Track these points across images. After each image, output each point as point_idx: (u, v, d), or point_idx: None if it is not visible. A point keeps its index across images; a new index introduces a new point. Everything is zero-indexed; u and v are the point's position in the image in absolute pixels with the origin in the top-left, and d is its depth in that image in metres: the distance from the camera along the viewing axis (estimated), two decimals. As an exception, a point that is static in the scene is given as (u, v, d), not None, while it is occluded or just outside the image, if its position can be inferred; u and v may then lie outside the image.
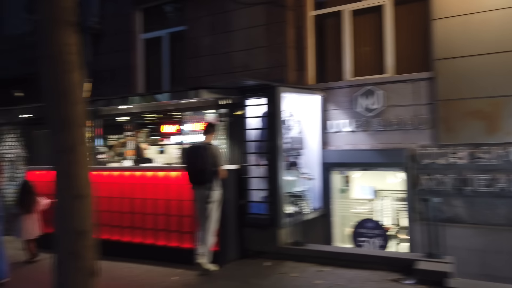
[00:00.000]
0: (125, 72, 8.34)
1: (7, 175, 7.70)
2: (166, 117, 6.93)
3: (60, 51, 2.50)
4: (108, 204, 5.86)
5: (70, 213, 2.30)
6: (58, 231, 2.33)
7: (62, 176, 2.36)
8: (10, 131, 7.80)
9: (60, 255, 2.32)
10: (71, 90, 2.55)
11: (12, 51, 9.74)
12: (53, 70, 2.52)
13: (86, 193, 2.41)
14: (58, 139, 2.40)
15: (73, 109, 2.52)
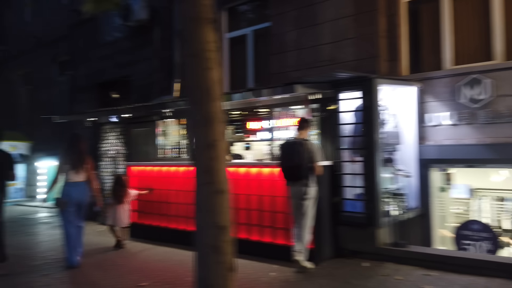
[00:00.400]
0: (211, 71, 8.57)
1: (109, 170, 8.37)
2: (251, 113, 6.98)
3: (202, 49, 2.58)
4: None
5: (211, 208, 2.35)
6: (199, 226, 2.39)
7: (203, 172, 2.42)
8: (111, 129, 8.45)
9: (201, 249, 2.38)
10: (212, 87, 2.61)
11: (109, 56, 10.57)
12: (196, 68, 2.60)
13: (226, 189, 2.46)
14: (200, 134, 2.46)
15: (213, 105, 2.57)
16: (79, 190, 5.16)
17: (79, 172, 5.17)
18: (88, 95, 11.25)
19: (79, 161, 5.20)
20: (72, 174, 5.15)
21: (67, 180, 5.16)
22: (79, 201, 5.16)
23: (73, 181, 5.14)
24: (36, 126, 13.27)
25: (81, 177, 5.20)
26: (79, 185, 5.17)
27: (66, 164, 5.17)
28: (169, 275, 4.70)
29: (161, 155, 7.41)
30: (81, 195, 5.16)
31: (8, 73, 14.77)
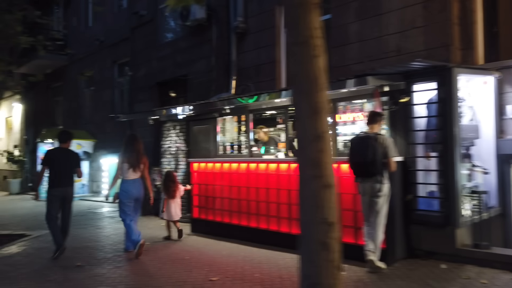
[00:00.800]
0: (269, 68, 8.49)
1: (171, 166, 8.57)
2: None
3: (310, 36, 2.47)
4: (265, 195, 6.02)
5: (320, 204, 2.25)
6: (306, 222, 2.31)
7: (311, 165, 2.32)
8: (172, 127, 8.64)
9: (309, 246, 2.30)
10: (319, 76, 2.51)
11: (168, 56, 10.84)
12: (303, 56, 2.50)
13: (333, 183, 2.35)
14: (307, 126, 2.37)
15: (321, 95, 2.47)
16: (136, 186, 5.61)
17: (135, 170, 5.60)
18: (147, 95, 11.63)
19: (136, 160, 5.61)
20: (129, 172, 5.56)
21: (125, 177, 5.58)
22: (135, 196, 5.62)
23: (131, 179, 5.56)
24: (99, 125, 13.96)
25: (137, 174, 5.63)
26: (135, 182, 5.60)
27: (124, 163, 5.57)
28: (237, 271, 4.67)
29: (222, 152, 7.45)
30: (137, 191, 5.63)
31: (73, 75, 15.67)
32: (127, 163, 5.55)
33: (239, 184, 6.40)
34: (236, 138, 7.26)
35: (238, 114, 7.10)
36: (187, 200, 8.12)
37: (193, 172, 7.20)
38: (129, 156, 5.58)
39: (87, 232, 7.47)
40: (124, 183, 5.57)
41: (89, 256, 5.62)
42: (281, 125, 6.56)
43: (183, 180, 8.29)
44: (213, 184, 6.83)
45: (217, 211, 6.77)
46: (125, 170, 5.56)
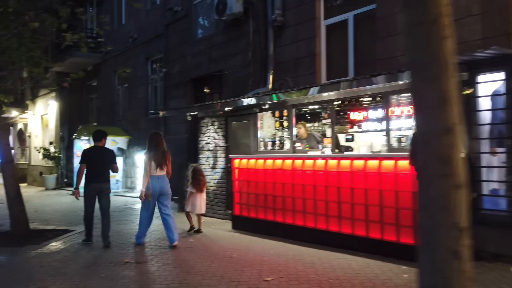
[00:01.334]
0: (308, 61, 8.25)
1: (209, 163, 8.47)
2: (354, 103, 6.54)
3: (439, 14, 2.12)
4: (312, 192, 5.81)
5: (450, 206, 2.02)
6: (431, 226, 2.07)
7: (439, 162, 2.08)
8: (210, 123, 8.53)
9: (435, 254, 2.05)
10: (449, 60, 2.18)
11: (202, 52, 10.75)
12: (432, 37, 2.15)
13: (465, 182, 2.11)
14: (435, 117, 2.13)
15: (451, 81, 2.21)
16: (162, 182, 5.86)
17: (162, 168, 5.86)
18: (181, 91, 11.60)
19: (162, 158, 5.88)
20: (156, 169, 5.80)
21: (152, 174, 5.80)
22: (162, 192, 5.86)
23: (157, 175, 5.81)
24: (133, 121, 14.07)
25: (163, 171, 5.88)
26: (160, 178, 5.85)
27: (151, 161, 5.80)
28: (290, 271, 4.50)
29: (262, 148, 7.29)
30: (163, 187, 5.87)
31: (107, 72, 15.86)
32: (154, 161, 5.78)
33: (283, 181, 6.22)
34: (277, 134, 7.07)
35: (281, 109, 6.91)
36: (226, 197, 8.02)
37: (234, 169, 7.07)
38: (155, 155, 5.82)
39: (129, 228, 7.47)
40: (151, 179, 5.80)
41: (136, 252, 5.57)
42: (327, 120, 6.31)
43: (221, 177, 8.18)
44: (256, 181, 6.67)
45: (259, 209, 6.62)
46: (152, 168, 5.79)
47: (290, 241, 5.90)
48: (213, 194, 8.29)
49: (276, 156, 6.44)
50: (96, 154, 6.17)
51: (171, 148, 11.83)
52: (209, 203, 8.34)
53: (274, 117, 7.16)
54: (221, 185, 8.11)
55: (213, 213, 8.25)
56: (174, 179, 11.00)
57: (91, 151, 6.31)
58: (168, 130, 12.08)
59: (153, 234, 6.91)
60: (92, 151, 6.31)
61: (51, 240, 6.59)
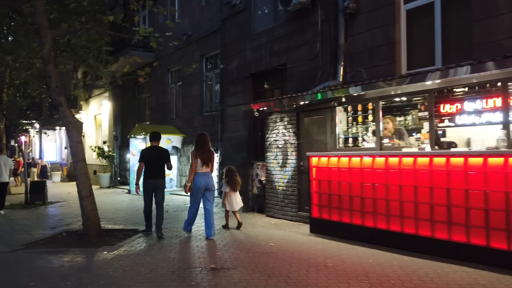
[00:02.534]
0: (385, 50, 7.55)
1: (277, 161, 7.98)
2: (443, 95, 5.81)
3: None
4: (411, 194, 5.16)
5: None
6: None
7: None
8: (279, 119, 8.04)
9: None
10: None
11: (263, 46, 10.30)
12: None
13: None
14: None
15: None
16: (207, 179, 6.25)
17: (208, 165, 6.24)
18: (239, 87, 11.21)
19: (208, 156, 6.26)
20: (202, 166, 6.20)
21: (197, 171, 6.21)
22: (207, 187, 6.26)
23: (202, 172, 6.21)
24: (187, 120, 13.89)
25: (208, 168, 6.27)
26: (206, 175, 6.25)
27: (198, 159, 6.21)
28: (407, 286, 3.89)
29: (341, 145, 6.71)
30: (208, 183, 6.26)
31: (160, 71, 15.82)
32: (200, 159, 6.18)
33: (374, 181, 5.61)
34: (359, 129, 6.46)
35: (364, 102, 6.30)
36: (298, 198, 7.50)
37: (312, 167, 6.53)
38: (201, 153, 6.22)
39: (199, 229, 7.12)
40: (196, 176, 6.22)
41: (220, 258, 5.16)
42: (423, 112, 5.63)
43: (292, 176, 7.66)
44: (339, 180, 6.09)
45: (343, 211, 6.04)
46: (199, 165, 6.19)
47: (385, 248, 5.29)
48: (282, 194, 7.79)
49: (364, 154, 5.82)
50: (153, 153, 6.71)
51: (229, 146, 11.52)
52: (279, 204, 7.87)
53: (356, 111, 6.54)
54: (292, 185, 7.60)
55: (283, 215, 7.76)
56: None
57: (149, 151, 6.83)
58: (225, 128, 11.75)
59: (228, 237, 6.51)
60: (150, 150, 6.82)
61: (124, 240, 6.36)
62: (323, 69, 8.56)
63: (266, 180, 8.19)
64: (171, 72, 15.42)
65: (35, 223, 8.53)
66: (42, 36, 6.68)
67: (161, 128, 14.29)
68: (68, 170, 22.32)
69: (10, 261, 5.33)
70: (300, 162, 7.46)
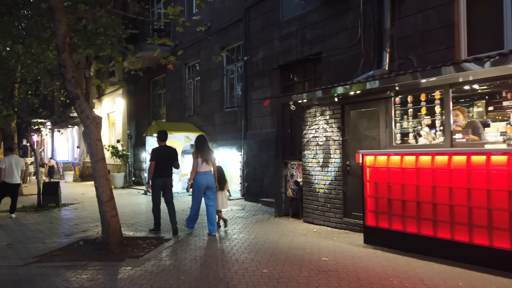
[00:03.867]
0: (441, 33, 6.60)
1: (317, 159, 7.08)
2: None
3: None
4: (504, 202, 4.22)
5: None
6: None
7: None
8: (320, 112, 7.13)
9: None
10: None
11: (292, 34, 9.39)
12: None
13: None
14: None
15: None
16: (208, 177, 6.38)
17: (208, 163, 6.37)
18: (265, 80, 10.32)
19: (207, 154, 6.42)
20: (203, 165, 6.34)
21: (198, 170, 6.34)
22: (208, 186, 6.39)
23: (203, 171, 6.35)
24: (207, 116, 13.04)
25: (209, 166, 6.41)
26: (207, 174, 6.39)
27: (199, 158, 6.35)
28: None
29: (399, 141, 5.78)
30: (209, 181, 6.39)
31: (177, 66, 14.99)
32: (201, 158, 6.33)
33: (451, 184, 4.66)
34: (423, 123, 5.52)
35: (430, 91, 5.37)
36: (343, 202, 6.58)
37: (366, 168, 5.61)
38: (201, 152, 6.38)
39: (234, 237, 6.26)
40: (197, 175, 6.35)
41: (270, 277, 4.27)
42: (510, 101, 4.68)
43: (336, 177, 6.74)
44: (402, 183, 5.16)
45: (408, 219, 5.10)
46: (200, 164, 6.32)
47: (468, 266, 4.35)
48: (324, 198, 6.89)
49: (435, 152, 4.88)
50: (162, 152, 6.78)
51: (254, 144, 10.64)
52: (319, 208, 6.97)
53: (419, 101, 5.59)
54: (336, 187, 6.69)
55: (325, 221, 6.85)
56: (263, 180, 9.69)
57: (158, 150, 6.86)
58: (249, 125, 10.87)
59: (273, 244, 5.63)
60: (160, 149, 6.87)
61: (149, 252, 5.52)
62: (366, 57, 7.63)
63: (304, 182, 7.30)
64: (188, 67, 14.58)
65: (49, 228, 7.74)
66: (56, 20, 5.86)
67: (179, 125, 13.47)
68: (80, 170, 21.65)
69: (22, 280, 4.51)
70: (346, 161, 6.55)
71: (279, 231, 6.63)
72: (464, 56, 6.43)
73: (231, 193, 7.59)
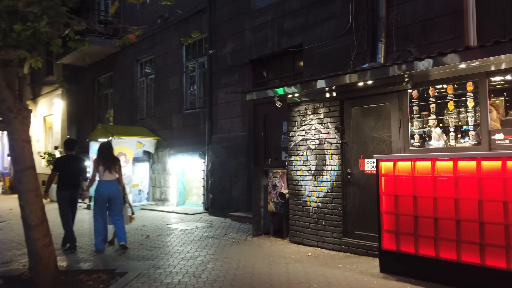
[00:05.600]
0: (446, 21, 5.75)
1: (310, 168, 5.86)
2: None
3: None
4: None
5: None
6: None
7: None
8: (311, 110, 5.94)
9: None
10: None
11: (267, 24, 8.20)
12: None
13: None
14: None
15: None
16: (111, 187, 5.87)
17: (110, 171, 5.87)
18: (234, 77, 9.00)
19: (110, 162, 5.91)
20: (105, 173, 5.84)
21: (100, 178, 5.85)
22: (110, 196, 5.86)
23: (105, 180, 5.85)
24: (163, 119, 11.42)
25: (111, 175, 5.89)
26: (110, 183, 5.88)
27: (100, 166, 5.85)
28: None
29: (417, 143, 4.73)
30: (112, 192, 5.87)
31: (127, 62, 13.20)
32: (102, 166, 5.85)
33: (504, 197, 3.65)
34: (450, 120, 4.51)
35: (459, 81, 4.38)
36: (342, 218, 5.42)
37: (381, 177, 4.48)
38: (104, 159, 5.90)
39: (225, 266, 4.82)
40: (99, 184, 5.87)
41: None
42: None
43: (333, 188, 5.56)
44: (432, 196, 4.07)
45: (442, 242, 3.99)
46: (101, 172, 5.84)
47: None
48: (317, 213, 5.68)
49: (485, 156, 3.84)
50: (67, 162, 6.26)
51: (221, 150, 9.21)
52: (311, 226, 5.75)
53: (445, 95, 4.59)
54: (333, 200, 5.52)
55: (319, 241, 5.64)
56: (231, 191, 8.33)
57: (63, 160, 6.43)
58: (215, 128, 9.46)
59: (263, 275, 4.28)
60: (65, 159, 6.39)
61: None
62: (358, 48, 6.62)
63: (291, 194, 6.06)
64: (140, 64, 12.87)
65: (-45, 261, 5.77)
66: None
67: (130, 129, 11.68)
68: (11, 181, 18.75)
69: None
70: (346, 168, 5.40)
71: (265, 256, 5.30)
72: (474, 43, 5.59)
73: (190, 205, 6.77)
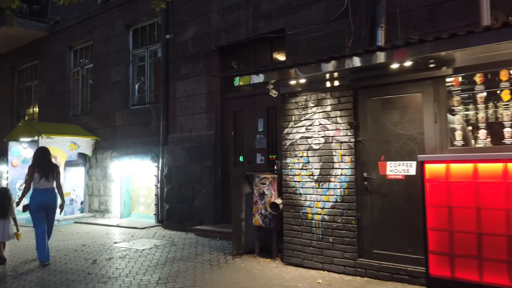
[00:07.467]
0: (456, 6, 4.99)
1: (312, 172, 4.65)
2: None
3: None
4: None
5: None
6: None
7: None
8: (313, 102, 4.74)
9: None
10: None
11: (243, 4, 6.90)
12: None
13: None
14: None
15: None
16: (47, 195, 5.38)
17: (47, 178, 5.37)
18: (197, 66, 7.52)
19: (47, 169, 5.40)
20: (41, 181, 5.33)
21: (36, 186, 5.33)
22: (47, 205, 5.39)
23: (41, 188, 5.34)
24: (104, 116, 9.49)
25: (48, 183, 5.39)
26: (47, 191, 5.39)
27: (36, 173, 5.34)
28: None
29: (459, 142, 3.77)
30: (48, 200, 5.39)
31: (57, 49, 10.96)
32: (38, 173, 5.34)
33: None
34: (503, 113, 3.61)
35: None
36: (357, 234, 4.30)
37: (427, 183, 3.42)
38: (40, 166, 5.39)
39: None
40: (34, 192, 5.35)
41: None
42: None
43: (344, 197, 4.42)
44: (504, 208, 3.11)
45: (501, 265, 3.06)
46: (36, 180, 5.33)
47: None
48: (322, 228, 4.49)
49: None
50: None
51: (181, 152, 7.55)
52: (313, 244, 4.54)
53: (495, 82, 3.69)
54: (344, 212, 4.37)
55: (324, 263, 4.45)
56: (194, 200, 6.87)
57: None
58: (172, 126, 7.88)
59: None
60: None
61: None
62: (355, 35, 5.62)
63: (286, 204, 4.80)
64: (74, 51, 10.72)
65: None
66: None
67: (61, 127, 9.54)
68: None
69: None
70: (362, 172, 4.29)
71: (262, 286, 3.98)
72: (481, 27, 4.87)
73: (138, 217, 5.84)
